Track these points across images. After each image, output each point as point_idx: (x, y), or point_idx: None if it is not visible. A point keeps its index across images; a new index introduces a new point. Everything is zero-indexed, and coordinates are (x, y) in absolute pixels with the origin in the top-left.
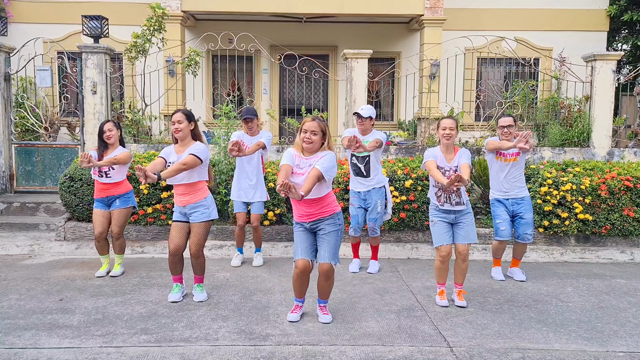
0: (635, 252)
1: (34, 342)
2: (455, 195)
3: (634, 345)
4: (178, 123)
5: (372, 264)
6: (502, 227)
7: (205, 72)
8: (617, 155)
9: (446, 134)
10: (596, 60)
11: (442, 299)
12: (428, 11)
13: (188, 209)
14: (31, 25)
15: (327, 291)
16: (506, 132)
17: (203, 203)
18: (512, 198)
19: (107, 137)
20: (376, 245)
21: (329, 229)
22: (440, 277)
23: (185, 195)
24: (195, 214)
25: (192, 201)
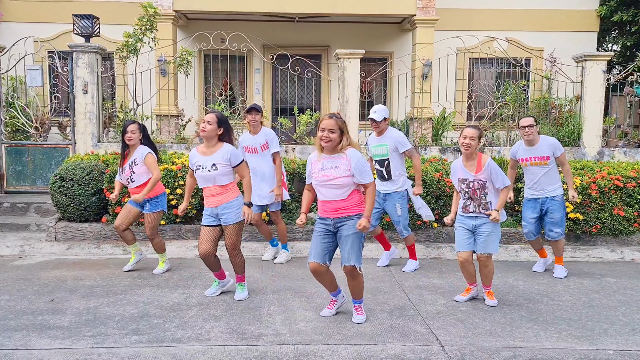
0: (625, 250)
1: (24, 343)
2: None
3: (623, 343)
4: (207, 123)
5: (408, 263)
6: (526, 230)
7: (197, 72)
8: (608, 154)
9: (465, 144)
10: (586, 60)
11: (462, 295)
12: (420, 11)
13: (220, 209)
14: (21, 24)
15: (357, 290)
16: (527, 132)
17: (234, 203)
18: (543, 197)
19: (129, 138)
20: (410, 245)
21: (353, 230)
22: (466, 278)
23: (217, 196)
24: (227, 215)
25: (224, 201)
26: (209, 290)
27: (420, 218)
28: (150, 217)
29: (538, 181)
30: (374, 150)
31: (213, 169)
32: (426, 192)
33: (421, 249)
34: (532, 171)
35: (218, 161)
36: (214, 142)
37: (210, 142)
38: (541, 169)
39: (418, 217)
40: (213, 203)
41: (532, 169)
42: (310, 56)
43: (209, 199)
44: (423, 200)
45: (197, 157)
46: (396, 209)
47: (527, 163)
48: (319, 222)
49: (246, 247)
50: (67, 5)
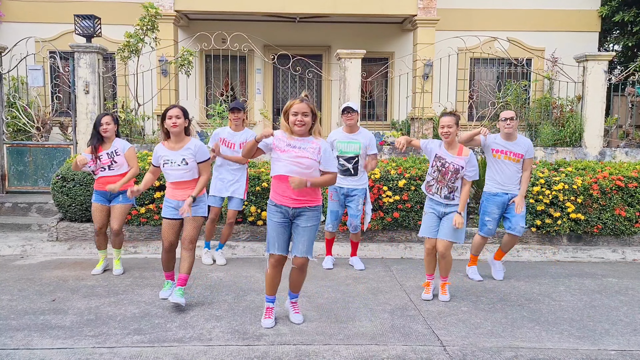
0: (626, 251)
1: (26, 342)
2: (447, 190)
3: (625, 343)
4: (176, 118)
5: (356, 261)
6: (489, 226)
7: (198, 72)
8: (609, 155)
9: (444, 133)
10: (588, 60)
11: (426, 292)
12: (421, 11)
13: None
14: (23, 24)
15: (300, 284)
16: (509, 125)
17: (202, 199)
18: (511, 193)
19: (104, 130)
20: (357, 242)
21: (310, 222)
22: (427, 268)
23: (187, 190)
24: (193, 209)
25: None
26: (165, 293)
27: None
28: (122, 209)
29: (509, 177)
30: (344, 146)
31: (183, 163)
32: None
33: (422, 249)
34: (504, 165)
35: (187, 156)
36: (182, 137)
37: (179, 136)
38: (514, 166)
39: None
40: (180, 196)
41: (506, 163)
42: (311, 56)
43: (176, 192)
44: None
45: (165, 152)
46: (358, 204)
47: (502, 156)
48: (274, 209)
49: (247, 247)
50: (68, 5)
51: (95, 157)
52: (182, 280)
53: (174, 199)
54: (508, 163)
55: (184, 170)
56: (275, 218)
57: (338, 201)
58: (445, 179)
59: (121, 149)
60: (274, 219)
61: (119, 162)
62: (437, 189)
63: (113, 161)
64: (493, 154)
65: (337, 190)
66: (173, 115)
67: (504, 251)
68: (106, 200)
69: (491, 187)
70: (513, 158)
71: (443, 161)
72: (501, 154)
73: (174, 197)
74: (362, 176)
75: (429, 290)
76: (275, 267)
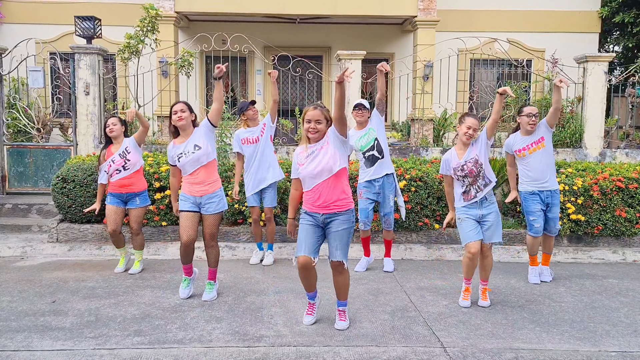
0: (627, 252)
1: (26, 344)
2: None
3: (626, 344)
4: (181, 112)
5: (387, 262)
6: (536, 224)
7: (198, 73)
8: (609, 156)
9: (469, 134)
10: (588, 61)
11: (465, 299)
12: (421, 12)
13: (205, 199)
14: (23, 25)
15: (342, 289)
16: (534, 122)
17: (218, 193)
18: (546, 189)
19: (110, 130)
20: (390, 240)
21: (343, 225)
22: (468, 273)
23: (203, 184)
24: (210, 205)
25: (210, 191)
26: (184, 292)
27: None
28: (141, 211)
29: (540, 170)
30: (362, 142)
31: (197, 149)
32: (427, 193)
33: (422, 250)
34: (531, 160)
35: (198, 141)
36: (190, 130)
37: (186, 130)
38: (540, 155)
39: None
40: (198, 192)
41: (532, 157)
42: (312, 57)
43: (193, 187)
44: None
45: (176, 148)
46: (391, 197)
47: (526, 152)
48: (305, 216)
49: (248, 248)
50: (68, 6)
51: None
52: (211, 273)
53: (191, 194)
54: (534, 155)
55: (199, 155)
56: (305, 221)
57: (368, 199)
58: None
59: (130, 145)
60: (304, 222)
61: (132, 159)
62: (475, 190)
63: (126, 160)
64: (517, 155)
65: (370, 186)
66: (178, 110)
67: (548, 253)
68: (122, 203)
69: (526, 185)
70: (536, 147)
71: (462, 166)
72: (524, 151)
73: (191, 192)
74: (387, 158)
75: (468, 296)
76: (304, 270)
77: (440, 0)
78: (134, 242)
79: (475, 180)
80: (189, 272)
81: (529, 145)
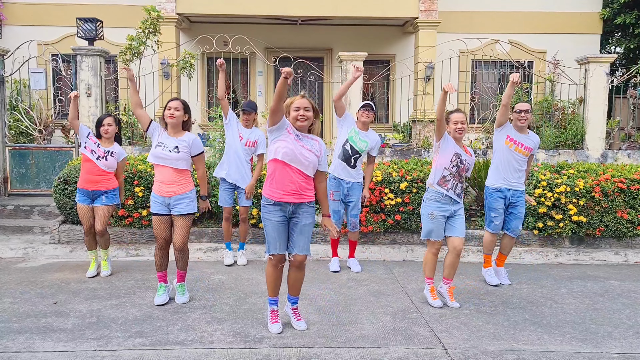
0: (628, 253)
1: (27, 345)
2: (461, 186)
3: (627, 346)
4: (175, 110)
5: (353, 263)
6: (496, 222)
7: (200, 75)
8: (611, 157)
9: (459, 129)
10: (590, 62)
11: (434, 299)
12: (422, 14)
13: (173, 200)
14: (25, 27)
15: (300, 284)
16: (524, 117)
17: (188, 195)
18: (513, 189)
19: (105, 130)
20: (355, 241)
21: (309, 219)
22: (430, 271)
23: (172, 185)
24: (180, 206)
25: (179, 192)
26: (160, 299)
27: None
28: (106, 211)
29: (514, 170)
30: (357, 139)
31: (175, 151)
32: None
33: (424, 251)
34: (511, 157)
35: (181, 145)
36: (179, 129)
37: (175, 128)
38: (520, 159)
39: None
40: (167, 193)
41: (514, 154)
42: (313, 59)
43: (162, 187)
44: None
45: (163, 136)
46: (358, 202)
47: (514, 146)
48: (273, 207)
49: (249, 249)
50: (70, 8)
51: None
52: (181, 275)
53: (160, 194)
54: (516, 155)
55: (173, 157)
56: (275, 217)
57: (339, 200)
58: (462, 175)
59: (117, 154)
60: (273, 218)
61: (110, 162)
62: (453, 184)
63: (105, 158)
64: (506, 140)
65: (339, 185)
66: (172, 107)
67: (505, 254)
68: (90, 200)
69: (495, 181)
70: (523, 151)
71: (461, 158)
72: (513, 144)
73: (160, 192)
74: (360, 172)
75: (436, 295)
76: (277, 266)
77: (441, 2)
78: (100, 242)
79: (460, 177)
80: (164, 279)
81: (521, 144)
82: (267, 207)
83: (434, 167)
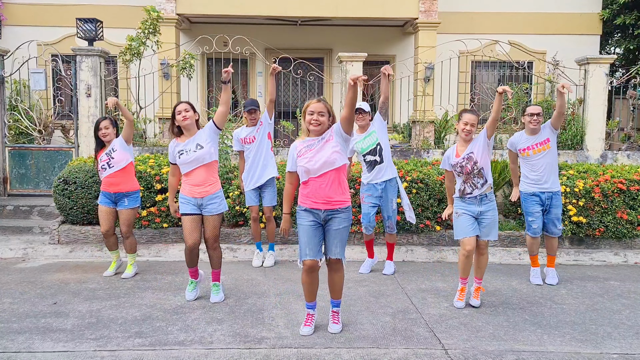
0: (628, 254)
1: (27, 346)
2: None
3: (627, 346)
4: (185, 111)
5: (387, 265)
6: (534, 225)
7: (200, 75)
8: (611, 157)
9: (467, 130)
10: (589, 63)
11: (460, 299)
12: (422, 14)
13: (206, 200)
14: (25, 27)
15: (339, 287)
16: (536, 120)
17: (219, 194)
18: (548, 191)
19: (103, 134)
20: (392, 243)
21: (344, 223)
22: (464, 271)
23: (204, 186)
24: (212, 206)
25: (211, 192)
26: (191, 295)
27: (403, 218)
28: (130, 214)
29: (543, 171)
30: (363, 144)
31: (198, 148)
32: (428, 195)
33: (424, 252)
34: (534, 161)
35: (200, 141)
36: (194, 130)
37: (190, 130)
38: (545, 157)
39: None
40: (199, 193)
41: (535, 158)
42: (313, 59)
43: (194, 189)
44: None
45: (178, 145)
46: (393, 201)
47: (530, 152)
48: (305, 214)
49: (249, 250)
50: (70, 9)
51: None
52: (216, 275)
53: (192, 196)
54: (538, 156)
55: (200, 154)
56: (305, 222)
57: (372, 202)
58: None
59: (117, 144)
60: (304, 222)
61: (117, 157)
62: (470, 187)
63: (110, 157)
64: (521, 153)
65: (372, 189)
66: (182, 110)
67: (550, 254)
68: (112, 202)
69: (527, 186)
70: (540, 148)
71: (459, 163)
72: (529, 150)
73: (192, 194)
74: (390, 163)
75: (463, 296)
76: (310, 273)
77: (441, 3)
78: (125, 246)
79: (469, 177)
80: (195, 275)
81: (534, 145)
82: (299, 212)
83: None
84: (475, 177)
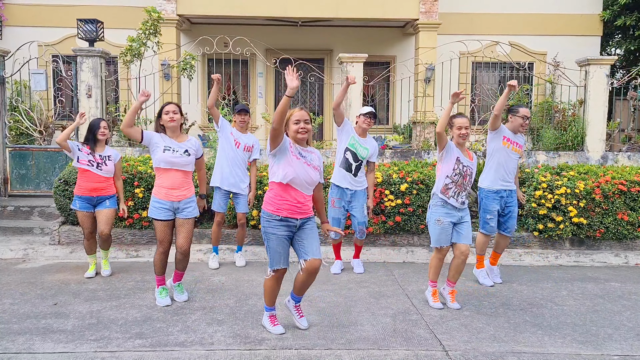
0: (629, 255)
1: (27, 346)
2: (464, 194)
3: (628, 348)
4: (173, 113)
5: (357, 264)
6: (492, 224)
7: (200, 76)
8: (611, 159)
9: (463, 134)
10: (590, 64)
11: (436, 301)
12: (423, 15)
13: (182, 204)
14: (26, 28)
15: (308, 287)
16: (526, 124)
17: (194, 198)
18: (509, 189)
19: (102, 133)
20: (361, 245)
21: (315, 227)
22: (435, 274)
23: (181, 189)
24: (188, 210)
25: (187, 195)
26: (165, 300)
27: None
28: (112, 212)
29: (511, 170)
30: (358, 146)
31: (186, 154)
32: (429, 196)
33: (424, 253)
34: (508, 157)
35: (190, 149)
36: (178, 132)
37: (176, 132)
38: (515, 158)
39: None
40: (176, 197)
41: (510, 154)
42: (313, 60)
43: (171, 192)
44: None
45: (166, 140)
46: (364, 208)
47: (511, 146)
48: (280, 223)
49: (249, 251)
50: (71, 9)
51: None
52: (179, 275)
53: (169, 199)
54: (512, 154)
55: (185, 161)
56: (280, 232)
57: (340, 208)
58: (465, 183)
59: (113, 157)
60: (279, 233)
61: (110, 167)
62: (454, 192)
63: (104, 164)
64: (503, 141)
65: (342, 193)
66: (170, 111)
67: (499, 253)
68: (91, 207)
69: (493, 183)
70: (517, 149)
71: (463, 165)
72: (510, 144)
73: (169, 197)
74: (362, 178)
75: (438, 298)
76: (279, 279)
77: (441, 3)
78: (104, 244)
79: (463, 186)
80: (163, 281)
81: (517, 143)
82: (273, 222)
83: (438, 176)
84: (468, 185)
